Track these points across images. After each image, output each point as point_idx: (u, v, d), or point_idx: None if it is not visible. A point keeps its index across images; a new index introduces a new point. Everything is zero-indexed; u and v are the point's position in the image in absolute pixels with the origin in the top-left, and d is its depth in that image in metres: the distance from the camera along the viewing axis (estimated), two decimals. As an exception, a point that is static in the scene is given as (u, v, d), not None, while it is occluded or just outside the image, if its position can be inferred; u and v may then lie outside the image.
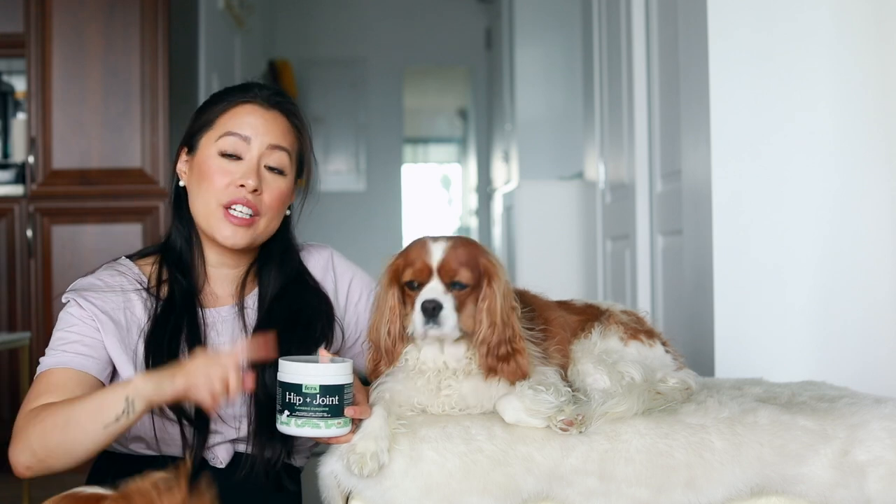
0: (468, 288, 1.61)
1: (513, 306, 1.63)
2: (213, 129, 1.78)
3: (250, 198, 1.75)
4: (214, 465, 1.77)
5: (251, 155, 1.76)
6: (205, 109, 1.82)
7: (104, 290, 1.76)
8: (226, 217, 1.75)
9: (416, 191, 10.88)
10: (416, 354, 1.66)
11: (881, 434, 1.62)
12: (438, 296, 1.59)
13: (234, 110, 1.78)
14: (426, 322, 1.58)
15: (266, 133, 1.77)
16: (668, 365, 1.79)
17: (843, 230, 2.58)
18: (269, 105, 1.80)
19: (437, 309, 1.58)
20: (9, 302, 4.06)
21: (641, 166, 3.57)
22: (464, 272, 1.60)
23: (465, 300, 1.61)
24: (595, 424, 1.60)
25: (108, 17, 4.09)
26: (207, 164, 1.76)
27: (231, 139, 1.76)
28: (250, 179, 1.74)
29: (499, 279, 1.62)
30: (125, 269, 1.82)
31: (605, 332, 1.76)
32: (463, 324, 1.61)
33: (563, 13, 5.82)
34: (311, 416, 1.54)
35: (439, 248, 1.62)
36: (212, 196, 1.75)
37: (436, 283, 1.60)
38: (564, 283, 4.57)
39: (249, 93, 1.80)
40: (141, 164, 4.09)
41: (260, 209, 1.76)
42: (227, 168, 1.75)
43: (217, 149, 1.76)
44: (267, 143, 1.77)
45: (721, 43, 2.63)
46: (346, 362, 1.58)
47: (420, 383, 1.65)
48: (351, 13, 7.88)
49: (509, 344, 1.60)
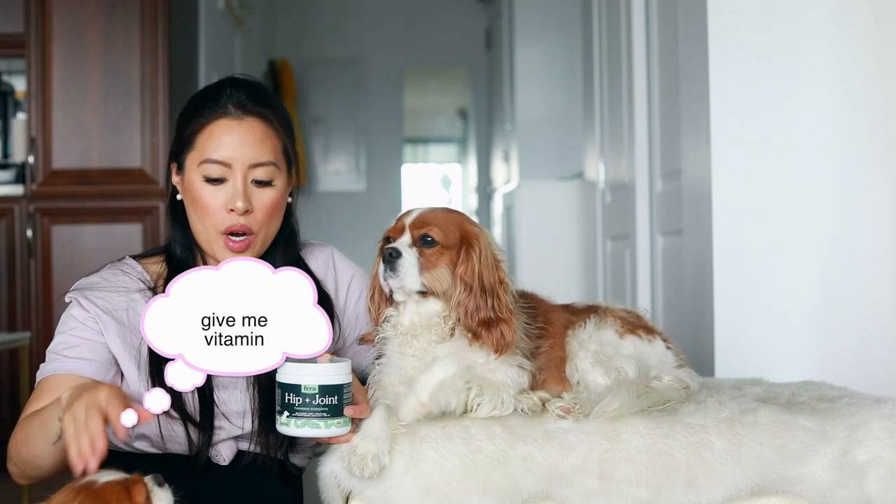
0: (438, 245, 1.62)
1: (501, 279, 1.63)
2: (194, 151, 1.75)
3: (244, 221, 1.74)
4: (217, 462, 1.77)
5: (235, 177, 1.74)
6: (185, 123, 1.79)
7: (107, 290, 1.76)
8: (225, 244, 1.75)
9: (416, 191, 10.88)
10: (396, 315, 1.67)
11: (881, 434, 1.62)
12: (400, 246, 1.61)
13: (208, 129, 1.74)
14: (386, 270, 1.61)
15: (245, 151, 1.73)
16: (667, 362, 1.78)
17: (844, 230, 2.58)
18: (242, 114, 1.74)
19: (395, 256, 1.60)
20: (9, 302, 4.06)
21: (641, 166, 3.57)
22: (435, 230, 1.62)
23: (436, 259, 1.62)
24: (593, 423, 1.60)
25: (108, 17, 4.09)
26: (196, 190, 1.75)
27: (212, 167, 1.73)
28: (239, 202, 1.72)
29: (479, 245, 1.63)
30: (129, 268, 1.82)
31: (600, 323, 1.76)
32: (428, 281, 1.61)
33: (563, 13, 5.82)
34: (311, 417, 1.54)
35: (420, 210, 1.66)
36: (209, 223, 1.75)
37: (404, 237, 1.63)
38: (564, 284, 4.57)
39: (222, 101, 1.75)
40: (141, 164, 4.09)
41: (253, 228, 1.75)
42: (214, 194, 1.74)
43: (200, 174, 1.74)
44: (248, 163, 1.74)
45: (721, 43, 2.63)
46: (344, 362, 1.58)
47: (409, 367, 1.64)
48: (351, 13, 7.88)
49: (492, 311, 1.60)
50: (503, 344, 1.61)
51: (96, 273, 1.81)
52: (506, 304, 1.62)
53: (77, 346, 1.70)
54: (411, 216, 1.66)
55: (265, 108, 1.77)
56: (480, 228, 1.67)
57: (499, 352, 1.61)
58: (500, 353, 1.61)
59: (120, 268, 1.82)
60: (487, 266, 1.62)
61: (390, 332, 1.67)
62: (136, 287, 1.79)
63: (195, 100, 1.80)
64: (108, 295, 1.75)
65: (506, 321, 1.61)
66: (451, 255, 1.63)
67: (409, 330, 1.65)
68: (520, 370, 1.65)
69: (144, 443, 1.76)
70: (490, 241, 1.66)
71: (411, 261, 1.61)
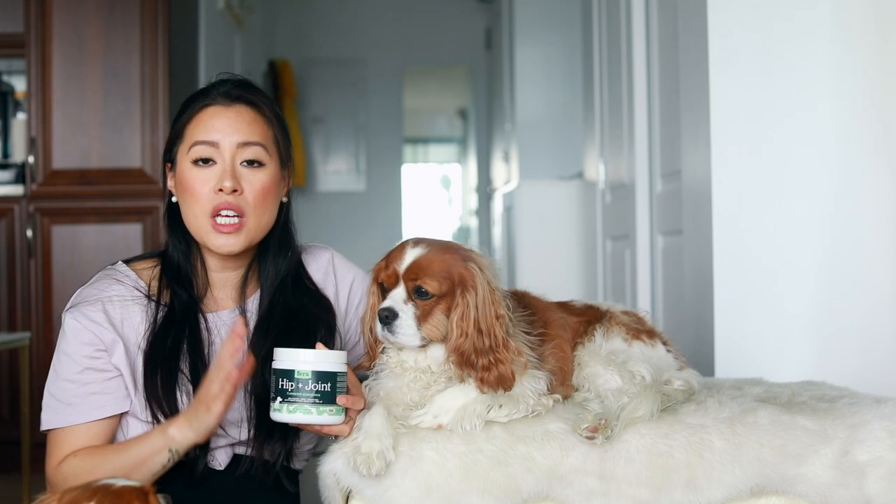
0: (434, 297, 1.60)
1: (498, 315, 1.60)
2: (184, 141, 1.77)
3: (232, 200, 1.73)
4: (213, 467, 1.77)
5: (223, 157, 1.74)
6: (174, 121, 1.81)
7: (105, 303, 1.75)
8: (214, 228, 1.74)
9: (416, 191, 10.88)
10: (397, 355, 1.66)
11: (881, 434, 1.62)
12: (396, 304, 1.59)
13: (197, 117, 1.76)
14: (383, 328, 1.60)
15: (233, 132, 1.74)
16: (670, 365, 1.79)
17: (844, 230, 2.58)
18: (229, 101, 1.76)
19: (392, 318, 1.58)
20: (9, 302, 4.06)
21: (641, 166, 3.57)
22: (429, 281, 1.59)
23: (431, 309, 1.60)
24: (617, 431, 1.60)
25: (108, 17, 4.09)
26: (185, 176, 1.75)
27: (200, 147, 1.74)
28: (227, 181, 1.72)
29: (475, 288, 1.60)
30: (122, 276, 1.80)
31: (607, 333, 1.75)
32: (427, 332, 1.60)
33: (563, 13, 5.81)
34: (303, 402, 1.54)
35: (413, 254, 1.61)
36: (198, 208, 1.75)
37: (399, 291, 1.61)
38: (564, 284, 4.57)
39: (209, 94, 1.78)
40: (141, 164, 4.09)
41: (244, 209, 1.74)
42: (202, 176, 1.74)
43: (190, 159, 1.75)
44: (236, 142, 1.74)
45: (721, 43, 2.62)
46: (340, 352, 1.59)
47: (407, 380, 1.65)
48: (351, 13, 7.88)
49: (492, 353, 1.59)
50: (502, 384, 1.59)
51: (91, 285, 1.79)
52: (502, 342, 1.59)
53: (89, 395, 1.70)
54: (404, 261, 1.61)
55: (253, 96, 1.79)
56: (476, 264, 1.63)
57: (502, 389, 1.60)
58: (506, 390, 1.60)
59: (114, 276, 1.80)
60: (484, 306, 1.60)
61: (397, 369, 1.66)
62: (130, 295, 1.77)
63: (187, 98, 1.82)
64: (108, 309, 1.74)
65: (502, 361, 1.59)
66: (446, 301, 1.60)
67: (414, 369, 1.65)
68: (535, 378, 1.64)
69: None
70: (486, 278, 1.62)
71: (408, 321, 1.59)
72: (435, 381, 1.64)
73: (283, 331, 1.78)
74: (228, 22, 5.48)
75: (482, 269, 1.62)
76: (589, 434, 1.57)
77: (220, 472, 1.76)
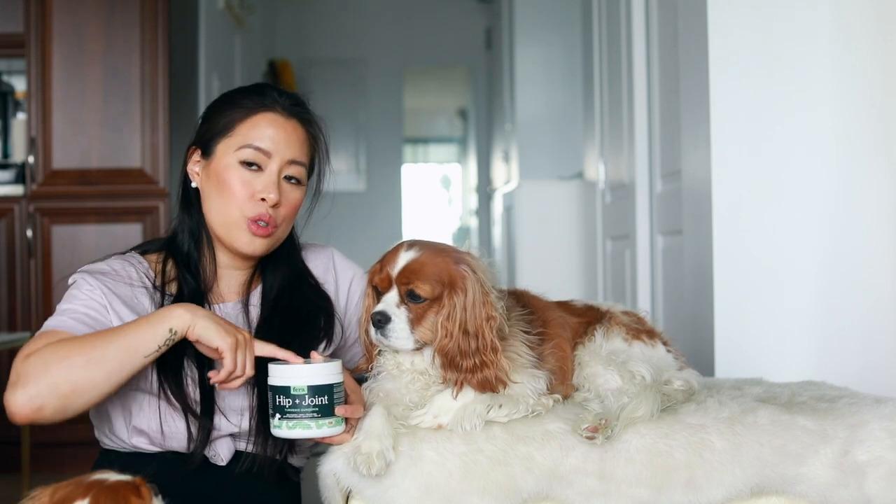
0: (426, 301, 1.60)
1: (489, 317, 1.60)
2: (232, 137, 1.77)
3: (271, 212, 1.76)
4: (215, 463, 1.77)
5: (271, 169, 1.76)
6: (221, 112, 1.80)
7: (114, 277, 1.76)
8: (249, 227, 1.76)
9: (416, 191, 10.88)
10: (393, 357, 1.66)
11: (881, 434, 1.62)
12: (389, 308, 1.60)
13: (253, 119, 1.77)
14: (376, 332, 1.61)
15: (287, 147, 1.77)
16: (670, 365, 1.79)
17: (844, 230, 2.58)
18: (288, 115, 1.79)
19: (385, 321, 1.59)
20: (9, 302, 4.06)
21: (641, 166, 3.57)
22: (422, 285, 1.60)
23: (424, 312, 1.60)
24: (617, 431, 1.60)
25: (108, 17, 4.09)
26: (228, 173, 1.76)
27: (252, 151, 1.76)
28: (272, 194, 1.75)
29: (465, 290, 1.59)
30: (136, 262, 1.82)
31: (608, 333, 1.76)
32: (421, 336, 1.61)
33: (563, 13, 5.81)
34: (302, 418, 1.55)
35: (406, 257, 1.62)
36: (234, 207, 1.76)
37: (392, 295, 1.62)
38: (564, 284, 4.57)
39: (268, 99, 1.79)
40: (141, 164, 4.09)
41: (277, 221, 1.78)
42: (247, 179, 1.75)
43: (237, 158, 1.76)
44: (287, 158, 1.78)
45: (721, 43, 2.63)
46: (335, 362, 1.59)
47: (405, 381, 1.65)
48: (351, 13, 7.88)
49: (478, 355, 1.59)
50: (488, 387, 1.60)
51: (103, 261, 1.80)
52: (490, 345, 1.59)
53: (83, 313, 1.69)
54: (397, 265, 1.62)
55: (310, 116, 1.85)
56: (469, 265, 1.63)
57: (486, 391, 1.60)
58: (491, 391, 1.60)
59: (128, 259, 1.82)
60: (474, 308, 1.59)
61: (394, 371, 1.67)
62: (140, 282, 1.78)
63: (235, 93, 1.83)
64: (116, 282, 1.75)
65: (488, 364, 1.59)
66: (439, 304, 1.61)
67: (411, 371, 1.65)
68: (534, 377, 1.64)
69: (143, 439, 1.75)
70: (479, 280, 1.62)
71: (402, 325, 1.60)
72: (434, 382, 1.64)
73: (286, 320, 1.80)
74: (228, 22, 5.48)
75: (475, 271, 1.62)
76: (589, 434, 1.57)
77: (222, 469, 1.76)
